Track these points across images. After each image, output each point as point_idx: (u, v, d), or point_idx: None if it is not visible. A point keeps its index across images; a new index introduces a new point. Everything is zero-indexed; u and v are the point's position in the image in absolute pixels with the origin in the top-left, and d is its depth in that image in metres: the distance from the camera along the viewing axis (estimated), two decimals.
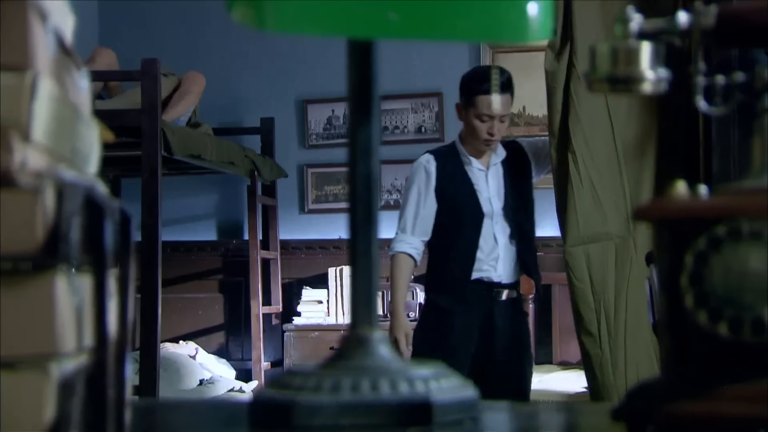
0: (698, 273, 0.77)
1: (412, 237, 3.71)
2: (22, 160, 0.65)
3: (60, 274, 0.66)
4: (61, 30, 0.75)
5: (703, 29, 0.84)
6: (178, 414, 1.14)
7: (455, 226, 3.67)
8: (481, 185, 3.69)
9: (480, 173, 3.71)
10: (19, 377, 0.63)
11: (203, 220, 6.63)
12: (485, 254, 3.64)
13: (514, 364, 3.65)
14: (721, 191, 0.82)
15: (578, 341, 3.47)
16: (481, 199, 3.67)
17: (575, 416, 1.11)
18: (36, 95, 0.66)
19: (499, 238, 3.66)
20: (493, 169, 3.73)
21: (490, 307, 3.63)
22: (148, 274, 4.46)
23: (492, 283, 3.64)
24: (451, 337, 3.63)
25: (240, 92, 6.55)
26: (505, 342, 3.63)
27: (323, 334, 5.91)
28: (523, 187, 3.76)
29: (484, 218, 3.65)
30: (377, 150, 0.97)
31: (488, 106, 3.61)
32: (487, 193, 3.68)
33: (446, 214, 3.69)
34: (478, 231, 3.64)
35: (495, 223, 3.66)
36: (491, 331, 3.62)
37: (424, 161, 3.76)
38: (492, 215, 3.66)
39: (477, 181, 3.69)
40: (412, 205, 3.72)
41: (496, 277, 3.65)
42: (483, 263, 3.64)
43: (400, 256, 3.71)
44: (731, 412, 0.74)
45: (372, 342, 0.95)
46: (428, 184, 3.71)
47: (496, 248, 3.65)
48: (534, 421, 1.07)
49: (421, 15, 0.89)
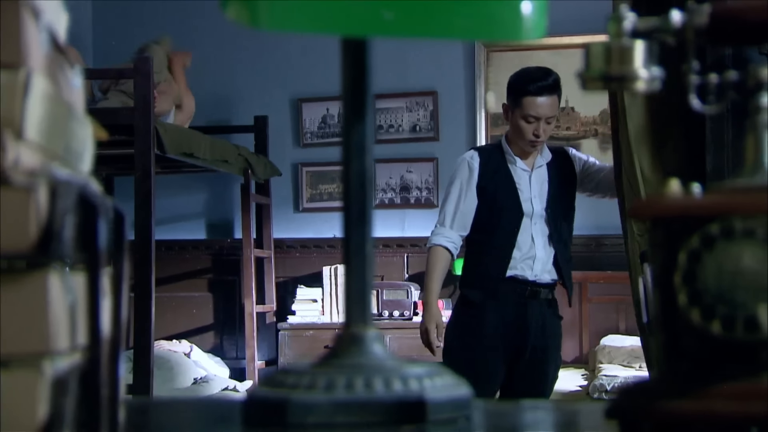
0: (691, 271, 0.77)
1: (450, 231, 3.72)
2: (15, 158, 0.64)
3: (53, 273, 0.65)
4: (54, 28, 0.75)
5: (697, 28, 0.84)
6: (172, 413, 1.14)
7: (494, 223, 3.68)
8: (524, 185, 3.69)
9: (523, 173, 3.72)
10: (12, 375, 0.63)
11: (197, 218, 6.62)
12: (522, 253, 3.63)
13: (541, 363, 3.65)
14: (714, 189, 0.83)
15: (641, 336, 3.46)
16: (522, 199, 3.67)
17: (569, 415, 1.11)
18: (29, 93, 0.66)
19: (536, 239, 3.65)
20: (538, 170, 3.73)
21: (524, 305, 3.63)
22: (141, 273, 4.46)
23: (527, 282, 3.63)
24: (482, 332, 3.63)
25: (234, 90, 6.55)
26: (536, 341, 3.63)
27: (318, 333, 5.91)
28: (566, 193, 3.76)
29: (524, 218, 3.65)
30: (371, 149, 0.97)
31: (535, 107, 3.61)
32: (528, 194, 3.68)
33: (486, 210, 3.69)
34: (516, 229, 3.64)
35: (534, 223, 3.66)
36: (525, 328, 3.62)
37: (468, 157, 3.78)
38: (532, 215, 3.66)
39: (519, 181, 3.70)
40: (453, 199, 3.73)
41: (531, 276, 3.64)
42: (519, 262, 3.63)
43: (437, 249, 3.71)
44: (724, 410, 0.75)
45: (366, 340, 0.95)
46: (470, 179, 3.72)
47: (533, 248, 3.64)
48: (528, 419, 1.07)
49: (415, 13, 0.89)
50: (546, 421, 1.06)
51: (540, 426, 1.03)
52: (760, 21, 0.85)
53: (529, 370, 3.62)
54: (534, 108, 3.61)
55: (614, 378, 4.90)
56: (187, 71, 5.92)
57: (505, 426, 1.02)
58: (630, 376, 4.83)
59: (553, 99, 3.64)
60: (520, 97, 3.63)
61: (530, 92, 3.61)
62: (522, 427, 1.02)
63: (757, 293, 0.75)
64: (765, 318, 0.75)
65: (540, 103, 3.61)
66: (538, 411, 1.14)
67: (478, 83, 6.20)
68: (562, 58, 6.01)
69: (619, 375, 4.97)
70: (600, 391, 4.83)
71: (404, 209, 6.37)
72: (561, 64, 6.04)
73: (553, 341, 3.69)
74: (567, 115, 6.17)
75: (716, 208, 0.78)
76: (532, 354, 3.61)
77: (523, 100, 3.62)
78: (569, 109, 6.17)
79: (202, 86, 6.53)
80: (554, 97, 3.64)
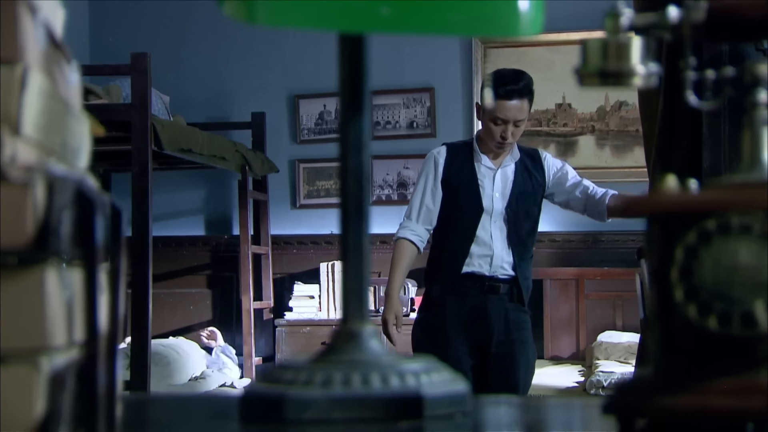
0: (688, 267, 0.77)
1: (416, 224, 3.78)
2: (11, 154, 0.64)
3: (50, 269, 0.65)
4: (51, 24, 0.75)
5: (694, 24, 0.84)
6: (170, 409, 1.14)
7: (455, 218, 3.74)
8: (487, 183, 3.75)
9: (488, 171, 3.77)
10: (9, 371, 0.63)
11: (194, 215, 6.62)
12: (479, 249, 3.69)
13: (509, 357, 3.68)
14: (711, 185, 0.83)
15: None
16: (483, 195, 3.72)
17: (566, 411, 1.11)
18: (26, 89, 0.66)
19: (495, 236, 3.70)
20: (504, 169, 3.78)
21: (483, 300, 3.68)
22: (138, 269, 4.46)
23: (484, 277, 3.69)
24: (444, 327, 3.68)
25: (231, 87, 6.54)
26: (500, 336, 3.67)
27: (315, 329, 5.92)
28: (531, 194, 3.80)
29: (483, 214, 3.71)
30: (368, 145, 0.97)
31: (503, 110, 3.65)
32: (491, 191, 3.74)
33: (448, 205, 3.75)
34: (475, 225, 3.70)
35: (494, 221, 3.71)
36: (486, 323, 3.67)
37: (435, 152, 3.86)
38: (492, 213, 3.71)
39: (483, 178, 3.75)
40: (419, 193, 3.80)
41: (488, 272, 3.69)
42: (475, 258, 3.69)
43: (402, 242, 3.78)
44: (720, 405, 0.75)
45: (363, 336, 0.95)
46: (436, 174, 3.79)
47: (491, 245, 3.69)
48: (525, 415, 1.07)
49: (412, 9, 0.89)
50: (543, 416, 1.06)
51: (537, 421, 1.03)
52: (756, 17, 0.85)
53: (497, 364, 3.66)
54: (503, 111, 3.65)
55: (611, 374, 4.91)
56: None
57: (502, 421, 1.03)
58: (627, 373, 4.83)
59: (523, 103, 3.68)
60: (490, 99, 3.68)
61: (500, 95, 3.65)
62: (519, 423, 1.02)
63: (754, 289, 0.76)
64: (761, 313, 0.75)
65: (508, 106, 3.65)
66: (535, 407, 1.15)
67: (475, 79, 6.20)
68: (559, 54, 6.01)
69: (615, 371, 4.98)
70: (597, 387, 4.84)
71: (401, 205, 6.36)
72: (558, 60, 6.06)
73: (518, 335, 3.73)
74: (564, 112, 6.17)
75: (713, 204, 0.78)
76: (498, 348, 3.67)
77: (493, 102, 3.67)
78: (566, 105, 6.17)
79: (200, 83, 6.53)
80: (524, 101, 3.68)
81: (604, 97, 6.11)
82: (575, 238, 6.11)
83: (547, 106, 6.16)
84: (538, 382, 5.19)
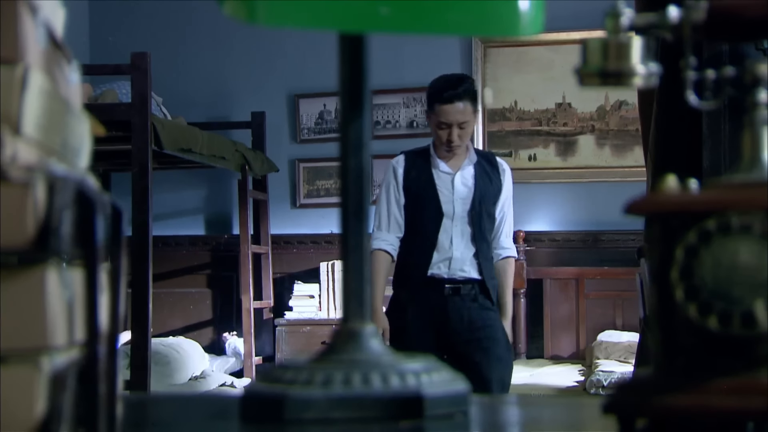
0: (688, 267, 0.77)
1: (387, 234, 3.88)
2: (12, 154, 0.64)
3: (51, 268, 0.65)
4: (51, 24, 0.75)
5: (694, 24, 0.84)
6: (170, 408, 1.14)
7: (416, 225, 3.85)
8: (445, 188, 3.85)
9: (446, 176, 3.87)
10: (10, 371, 0.63)
11: (194, 214, 6.62)
12: (440, 254, 3.80)
13: (476, 355, 3.75)
14: (711, 185, 0.83)
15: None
16: (442, 201, 3.83)
17: (566, 410, 1.11)
18: (26, 89, 0.66)
19: (455, 240, 3.80)
20: (462, 173, 3.88)
21: (443, 302, 3.78)
22: (138, 269, 4.46)
23: (444, 280, 3.79)
24: (408, 332, 3.78)
25: (231, 86, 6.54)
26: (463, 335, 3.75)
27: (315, 329, 5.92)
28: (492, 196, 3.89)
29: (444, 219, 3.81)
30: (369, 145, 0.97)
31: (446, 114, 3.76)
32: (450, 196, 3.84)
33: (410, 212, 3.86)
34: (436, 230, 3.81)
35: (455, 225, 3.81)
36: (447, 325, 3.76)
37: (394, 162, 3.96)
38: (453, 217, 3.82)
39: (441, 184, 3.85)
40: (384, 202, 3.91)
41: (447, 275, 3.79)
42: (437, 262, 3.80)
43: (377, 253, 3.85)
44: (721, 405, 0.75)
45: (363, 336, 0.95)
46: (397, 182, 3.89)
47: (451, 249, 3.79)
48: (525, 415, 1.07)
49: (412, 9, 0.89)
50: (543, 416, 1.06)
51: (537, 421, 1.03)
52: (756, 17, 0.86)
53: (465, 365, 3.65)
54: (445, 115, 3.76)
55: (611, 373, 4.91)
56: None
57: (502, 421, 1.03)
58: (627, 372, 4.84)
59: (465, 106, 3.77)
60: (433, 105, 3.81)
61: (441, 100, 3.76)
62: (519, 423, 1.02)
63: (754, 288, 0.76)
64: (762, 313, 0.75)
65: (450, 110, 3.75)
66: (535, 407, 1.15)
67: (475, 79, 6.20)
68: (559, 53, 6.01)
69: (615, 370, 4.98)
70: (597, 386, 4.84)
71: None
72: (558, 59, 6.06)
73: (485, 332, 3.78)
74: (564, 111, 6.18)
75: (713, 204, 0.78)
76: (463, 348, 3.74)
77: (436, 108, 3.79)
78: (566, 104, 6.17)
79: (200, 82, 6.53)
80: (466, 104, 3.77)
81: (604, 96, 6.11)
82: (575, 237, 6.11)
83: (547, 105, 6.16)
84: (538, 382, 5.19)
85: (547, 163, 6.17)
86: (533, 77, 6.16)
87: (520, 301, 5.97)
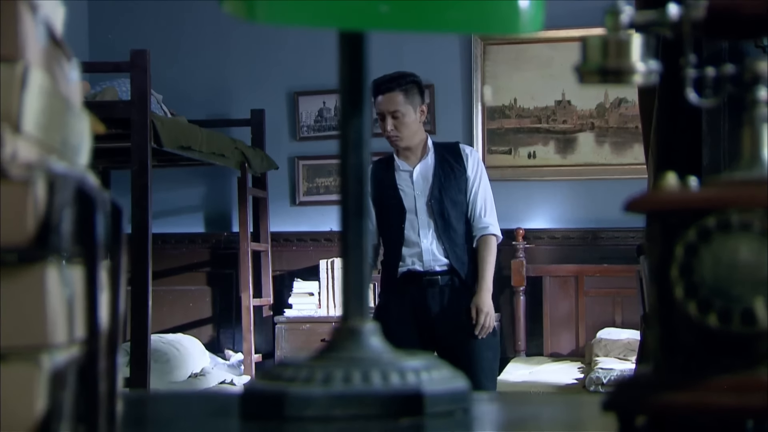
0: (688, 264, 0.77)
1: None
2: (12, 152, 0.64)
3: (51, 266, 0.65)
4: (51, 22, 0.75)
5: (694, 21, 0.84)
6: (170, 405, 1.14)
7: (384, 225, 3.97)
8: (405, 184, 3.97)
9: (405, 173, 3.99)
10: (10, 369, 0.63)
11: (193, 212, 6.62)
12: (409, 248, 3.90)
13: (461, 343, 3.82)
14: (711, 183, 0.83)
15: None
16: (404, 197, 3.95)
17: (566, 408, 1.11)
18: (27, 87, 0.66)
19: (422, 232, 3.90)
20: (420, 167, 3.98)
21: (422, 295, 3.87)
22: (138, 267, 4.46)
23: (419, 273, 3.88)
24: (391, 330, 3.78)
25: (230, 84, 6.54)
26: (445, 327, 3.84)
27: (315, 327, 5.92)
28: (454, 183, 3.95)
29: (407, 214, 3.92)
30: (368, 142, 0.97)
31: (377, 105, 3.93)
32: (411, 191, 3.95)
33: (379, 216, 3.97)
34: (401, 227, 3.93)
35: (419, 218, 3.91)
36: (427, 315, 3.85)
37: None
38: (416, 211, 3.92)
39: (401, 181, 3.97)
40: None
41: (421, 267, 3.88)
42: (408, 257, 3.90)
43: None
44: (720, 402, 0.75)
45: (363, 334, 0.95)
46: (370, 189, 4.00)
47: (419, 242, 3.89)
48: (524, 412, 1.07)
49: (411, 7, 0.89)
50: (543, 414, 1.06)
51: (537, 419, 1.03)
52: (756, 15, 0.86)
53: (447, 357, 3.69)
54: (377, 105, 3.93)
55: (610, 371, 4.91)
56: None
57: (502, 419, 1.03)
58: (626, 369, 4.84)
59: (392, 95, 3.91)
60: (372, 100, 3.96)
61: (373, 93, 3.89)
62: (519, 420, 1.02)
63: (754, 286, 0.76)
64: (761, 311, 0.75)
65: (381, 101, 3.92)
66: (535, 404, 1.15)
67: (475, 76, 6.20)
68: (559, 51, 6.01)
69: (615, 368, 4.98)
70: (596, 384, 4.84)
71: None
72: (557, 57, 6.06)
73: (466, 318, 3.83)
74: (563, 109, 6.17)
75: (713, 202, 0.78)
76: (444, 341, 3.83)
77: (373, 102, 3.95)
78: (565, 102, 6.17)
79: (199, 80, 6.52)
80: (392, 93, 3.91)
81: (604, 94, 6.11)
82: (574, 234, 6.11)
83: (547, 103, 6.16)
84: (538, 379, 5.19)
85: (546, 160, 6.16)
86: (533, 75, 6.16)
87: (520, 299, 5.97)
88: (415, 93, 3.95)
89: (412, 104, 3.92)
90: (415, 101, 3.94)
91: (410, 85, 3.94)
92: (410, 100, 3.92)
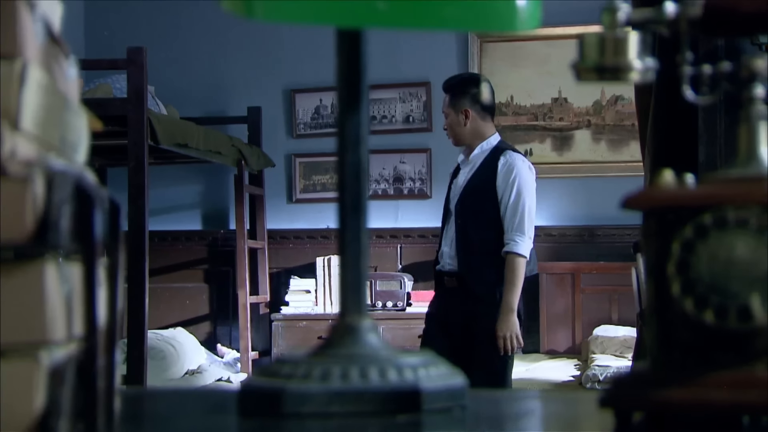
0: (685, 261, 0.78)
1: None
2: (11, 149, 0.65)
3: (49, 263, 0.66)
4: (49, 19, 0.75)
5: (690, 19, 0.85)
6: (167, 402, 1.14)
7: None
8: (454, 183, 4.07)
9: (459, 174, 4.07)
10: (9, 365, 0.63)
11: (190, 209, 6.61)
12: (441, 247, 4.02)
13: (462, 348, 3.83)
14: (707, 180, 0.83)
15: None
16: (450, 195, 4.06)
17: (562, 405, 1.11)
18: (25, 84, 0.66)
19: (449, 233, 3.98)
20: (466, 168, 4.04)
21: (441, 294, 4.01)
22: (135, 264, 4.46)
23: (440, 273, 4.00)
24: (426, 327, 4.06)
25: (227, 81, 6.53)
26: (455, 328, 3.90)
27: (311, 324, 5.92)
28: (481, 191, 3.94)
29: (449, 213, 4.02)
30: (366, 139, 0.97)
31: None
32: (455, 192, 4.03)
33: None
34: (445, 226, 4.04)
35: (449, 219, 4.01)
36: (445, 315, 3.94)
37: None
38: (450, 212, 4.02)
39: (455, 180, 4.07)
40: None
41: (442, 268, 3.99)
42: (441, 256, 4.02)
43: None
44: (717, 399, 0.75)
45: (361, 330, 0.95)
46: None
47: (444, 242, 4.00)
48: (521, 409, 1.07)
49: (409, 4, 0.89)
50: (539, 410, 1.06)
51: (533, 415, 1.03)
52: (752, 12, 0.86)
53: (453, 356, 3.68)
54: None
55: (607, 368, 4.91)
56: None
57: (500, 415, 1.03)
58: (623, 366, 4.84)
59: (445, 96, 4.07)
60: None
61: None
62: (516, 417, 1.03)
63: (750, 283, 0.76)
64: (758, 307, 0.76)
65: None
66: (531, 401, 1.15)
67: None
68: (556, 48, 6.01)
69: (611, 365, 4.99)
70: (593, 381, 4.84)
71: (397, 200, 6.38)
72: (554, 54, 6.06)
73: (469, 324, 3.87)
74: (560, 106, 6.18)
75: (710, 199, 0.78)
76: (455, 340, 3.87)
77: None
78: (562, 99, 6.17)
79: (196, 77, 6.52)
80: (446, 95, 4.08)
81: (601, 91, 6.11)
82: (571, 232, 6.12)
83: (543, 100, 6.16)
84: (534, 376, 5.20)
85: (543, 158, 6.16)
86: (529, 72, 6.16)
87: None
88: (459, 95, 4.02)
89: (455, 107, 4.01)
90: (459, 104, 4.01)
91: (457, 88, 4.04)
92: (454, 102, 4.02)
